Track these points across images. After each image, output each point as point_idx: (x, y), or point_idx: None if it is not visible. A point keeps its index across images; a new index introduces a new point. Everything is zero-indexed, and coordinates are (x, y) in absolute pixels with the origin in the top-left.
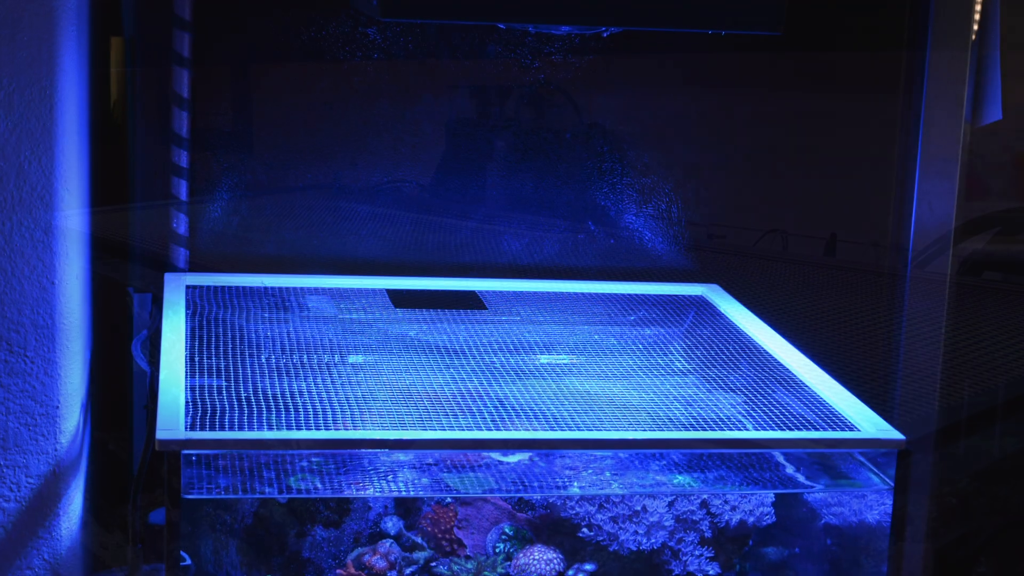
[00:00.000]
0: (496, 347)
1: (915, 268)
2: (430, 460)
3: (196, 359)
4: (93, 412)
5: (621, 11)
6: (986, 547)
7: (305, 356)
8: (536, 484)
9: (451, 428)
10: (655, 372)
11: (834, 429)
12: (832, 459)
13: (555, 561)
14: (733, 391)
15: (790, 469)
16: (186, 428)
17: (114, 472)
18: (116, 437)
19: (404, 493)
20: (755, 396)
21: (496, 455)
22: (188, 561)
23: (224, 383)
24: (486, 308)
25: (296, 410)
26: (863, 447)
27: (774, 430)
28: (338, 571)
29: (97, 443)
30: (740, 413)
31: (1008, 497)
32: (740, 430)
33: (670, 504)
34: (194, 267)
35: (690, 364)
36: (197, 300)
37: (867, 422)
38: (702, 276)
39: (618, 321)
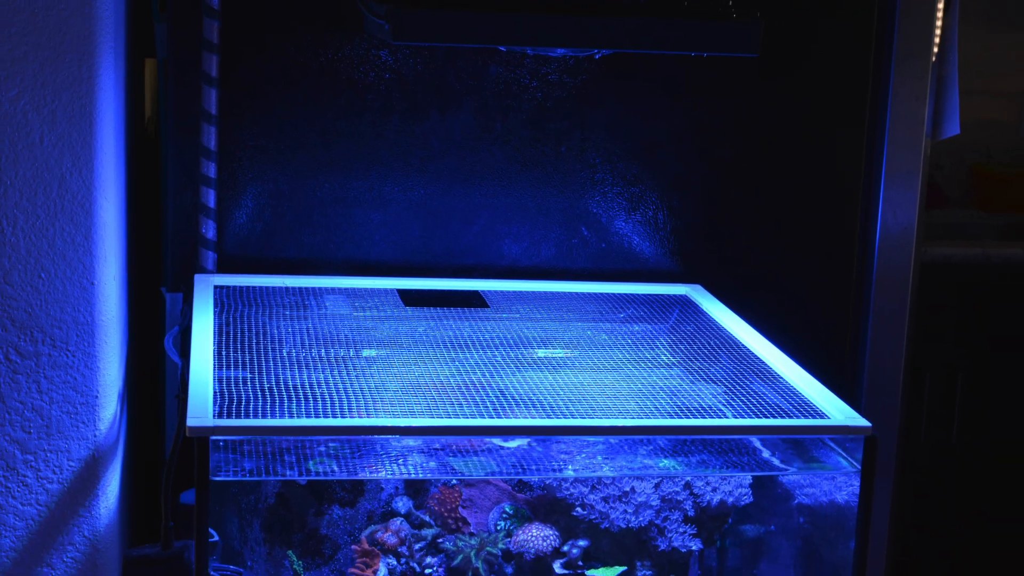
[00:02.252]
0: (497, 342)
1: (880, 269)
2: (437, 445)
3: (223, 353)
4: (129, 401)
5: (611, 35)
6: None
7: (323, 350)
8: (534, 467)
9: (456, 416)
10: (643, 365)
11: (806, 417)
12: (804, 444)
13: (551, 537)
14: (714, 382)
15: (766, 454)
16: (214, 416)
17: (148, 456)
18: (150, 424)
19: (413, 475)
20: (734, 387)
21: (497, 441)
22: (216, 537)
23: (249, 375)
24: (488, 306)
25: (315, 399)
26: (833, 433)
27: (751, 418)
28: (353, 547)
29: (133, 430)
30: (720, 402)
31: None
32: (720, 418)
33: (656, 486)
34: (222, 269)
35: (675, 358)
36: (224, 299)
37: (836, 410)
38: (686, 277)
39: (609, 318)
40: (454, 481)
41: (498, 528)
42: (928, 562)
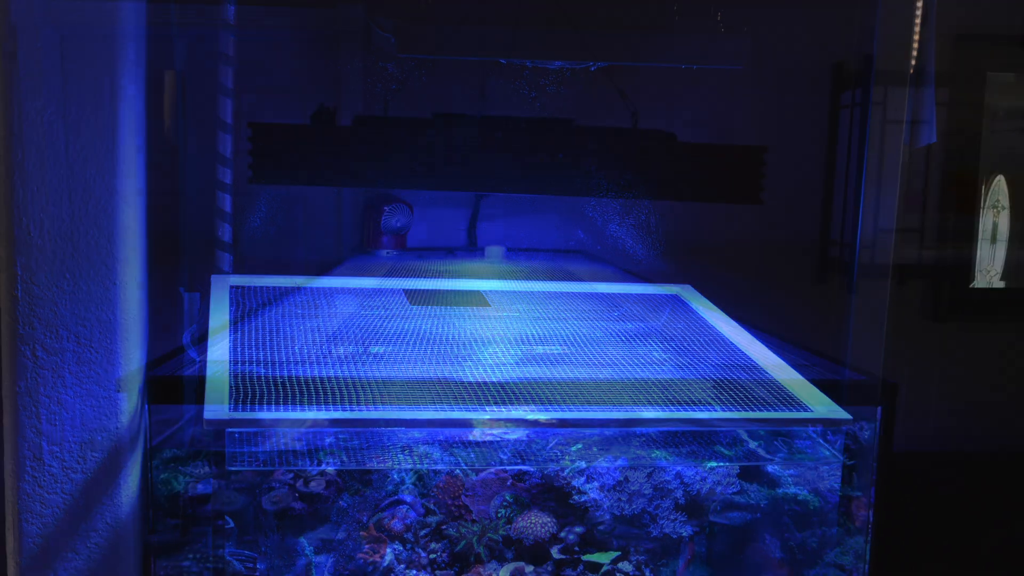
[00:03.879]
0: (498, 339)
1: (861, 268)
2: (441, 437)
3: (239, 349)
4: (149, 395)
5: (606, 49)
6: None
7: (333, 347)
8: (533, 458)
9: (459, 409)
10: (636, 361)
11: (790, 410)
12: (788, 435)
13: (549, 524)
14: (703, 377)
15: (752, 444)
16: (230, 409)
17: (167, 447)
18: (169, 417)
19: (418, 465)
20: (722, 381)
21: (498, 432)
22: (231, 524)
23: (263, 370)
24: (490, 305)
25: (325, 393)
26: (815, 425)
27: (739, 411)
28: (361, 532)
29: (153, 422)
30: (709, 396)
31: None
32: (709, 411)
33: (649, 475)
34: (237, 269)
35: (666, 354)
36: (239, 298)
37: (819, 404)
38: (677, 278)
39: (604, 317)
40: (457, 471)
41: (499, 515)
42: (904, 546)
